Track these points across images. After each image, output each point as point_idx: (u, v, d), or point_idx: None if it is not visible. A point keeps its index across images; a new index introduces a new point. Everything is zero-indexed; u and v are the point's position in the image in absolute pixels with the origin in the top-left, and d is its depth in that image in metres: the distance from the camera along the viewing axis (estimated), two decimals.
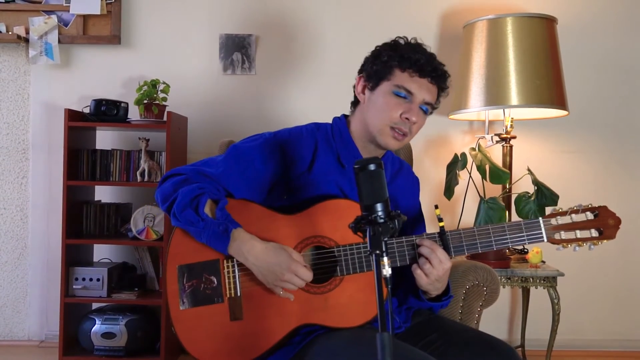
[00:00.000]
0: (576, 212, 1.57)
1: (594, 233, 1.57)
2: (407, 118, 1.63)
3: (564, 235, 1.56)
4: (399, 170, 1.84)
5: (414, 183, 1.90)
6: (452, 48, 3.06)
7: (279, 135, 1.72)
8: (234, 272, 1.60)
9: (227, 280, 1.60)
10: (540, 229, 1.56)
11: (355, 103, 1.77)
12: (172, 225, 1.64)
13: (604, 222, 1.57)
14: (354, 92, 1.76)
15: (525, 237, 1.57)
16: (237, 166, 1.67)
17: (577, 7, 3.14)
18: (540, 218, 1.58)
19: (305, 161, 1.69)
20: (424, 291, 1.62)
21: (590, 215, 1.57)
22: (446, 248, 1.55)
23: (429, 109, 1.69)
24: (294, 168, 1.69)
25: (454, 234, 1.57)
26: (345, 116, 1.80)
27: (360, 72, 1.75)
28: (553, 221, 1.57)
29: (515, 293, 3.17)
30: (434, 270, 1.52)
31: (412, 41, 1.70)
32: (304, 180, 1.68)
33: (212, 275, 1.61)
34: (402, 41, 1.70)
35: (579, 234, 1.56)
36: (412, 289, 1.64)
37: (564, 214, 1.57)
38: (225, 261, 1.61)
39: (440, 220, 1.56)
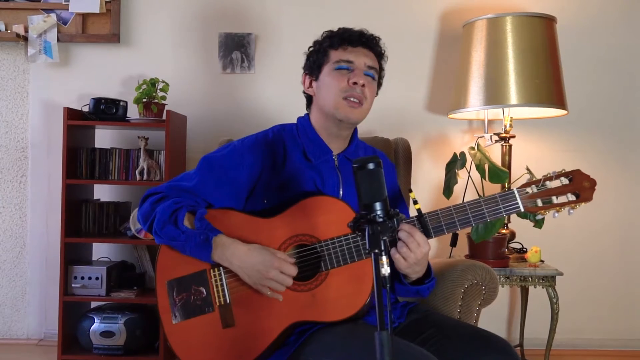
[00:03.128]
0: (550, 178, 1.57)
1: (571, 197, 1.56)
2: (354, 82, 1.68)
3: (540, 202, 1.56)
4: None
5: (390, 167, 1.92)
6: (452, 47, 3.06)
7: (246, 141, 1.76)
8: (221, 280, 1.63)
9: (215, 289, 1.62)
10: (516, 199, 1.57)
11: (309, 103, 1.83)
12: (157, 244, 1.67)
13: (579, 185, 1.56)
14: (304, 93, 1.82)
15: (502, 209, 1.57)
16: (211, 176, 1.71)
17: (576, 7, 3.14)
18: (514, 189, 1.58)
19: (277, 163, 1.73)
20: (404, 275, 1.63)
21: (565, 180, 1.57)
22: (425, 230, 1.56)
23: (374, 74, 1.74)
24: (267, 171, 1.71)
25: (432, 214, 1.58)
26: (308, 115, 1.83)
27: (303, 74, 1.82)
28: (528, 189, 1.57)
29: (514, 292, 3.18)
30: (412, 254, 1.52)
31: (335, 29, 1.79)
32: (279, 181, 1.71)
33: (201, 285, 1.63)
34: (327, 32, 1.79)
35: (556, 199, 1.56)
36: (394, 274, 1.65)
37: (537, 182, 1.57)
38: (211, 270, 1.63)
39: (415, 202, 1.57)
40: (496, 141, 2.84)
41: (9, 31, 3.07)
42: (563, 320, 2.72)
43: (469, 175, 2.72)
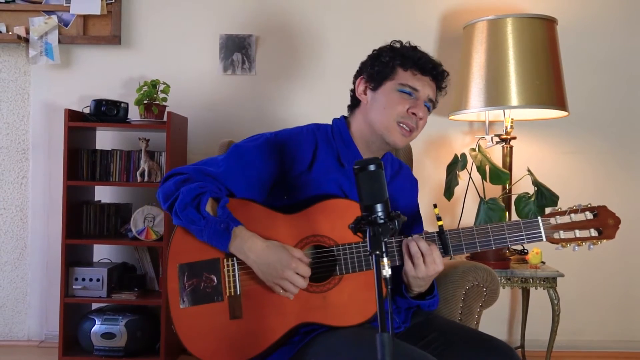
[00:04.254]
0: (575, 211, 1.57)
1: (593, 233, 1.57)
2: (414, 113, 1.67)
3: (563, 234, 1.57)
4: (398, 172, 1.86)
5: (413, 184, 1.92)
6: (452, 49, 3.06)
7: (280, 135, 1.74)
8: (233, 270, 1.61)
9: (227, 279, 1.61)
10: (539, 228, 1.57)
11: (354, 105, 1.79)
12: (174, 224, 1.65)
13: (603, 222, 1.57)
14: (353, 94, 1.79)
15: (524, 237, 1.57)
16: (239, 165, 1.69)
17: (577, 8, 3.14)
18: (539, 217, 1.58)
19: (305, 160, 1.71)
20: (406, 286, 1.63)
21: (589, 215, 1.58)
22: (445, 247, 1.57)
23: (431, 106, 1.73)
24: (294, 167, 1.70)
25: (453, 233, 1.58)
26: (344, 117, 1.81)
27: (358, 74, 1.78)
28: (552, 220, 1.57)
29: (515, 294, 3.17)
30: (425, 267, 1.53)
31: (408, 44, 1.75)
32: (304, 180, 1.69)
33: (212, 274, 1.61)
34: (398, 44, 1.75)
35: (578, 233, 1.57)
36: (397, 286, 1.66)
37: (563, 213, 1.57)
38: (225, 260, 1.62)
39: (439, 219, 1.57)
40: (497, 142, 2.84)
41: (10, 33, 3.07)
42: (564, 321, 2.72)
43: (470, 177, 2.72)
